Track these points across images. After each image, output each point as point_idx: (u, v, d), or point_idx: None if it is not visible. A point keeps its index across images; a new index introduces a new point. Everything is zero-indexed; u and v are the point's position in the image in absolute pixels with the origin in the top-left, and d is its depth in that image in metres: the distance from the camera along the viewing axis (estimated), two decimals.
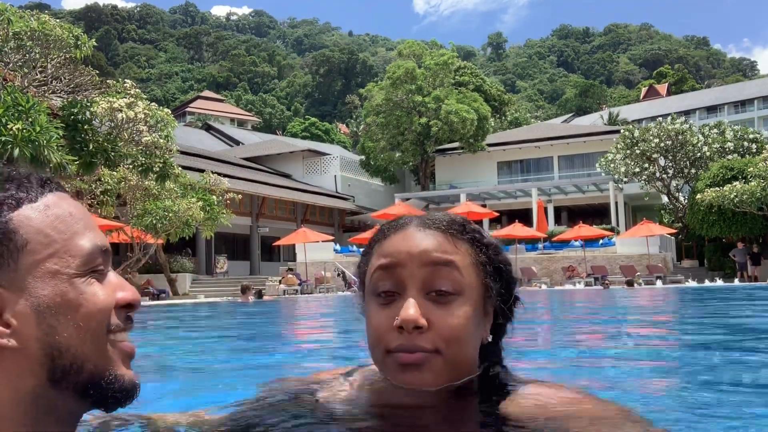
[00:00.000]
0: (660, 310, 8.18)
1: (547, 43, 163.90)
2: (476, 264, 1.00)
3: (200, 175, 23.38)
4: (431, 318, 0.94)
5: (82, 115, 13.36)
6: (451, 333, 0.94)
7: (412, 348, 0.93)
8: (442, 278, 0.96)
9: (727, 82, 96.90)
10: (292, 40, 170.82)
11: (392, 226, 1.05)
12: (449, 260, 0.96)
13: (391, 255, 0.99)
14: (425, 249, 0.97)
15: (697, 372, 2.57)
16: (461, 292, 0.96)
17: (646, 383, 2.29)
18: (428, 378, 0.94)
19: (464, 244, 1.01)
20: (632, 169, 28.99)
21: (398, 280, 0.97)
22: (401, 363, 0.94)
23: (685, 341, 4.29)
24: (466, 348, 0.97)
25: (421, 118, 36.84)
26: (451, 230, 1.01)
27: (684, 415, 1.62)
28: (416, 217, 1.04)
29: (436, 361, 0.94)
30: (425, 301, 0.95)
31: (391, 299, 0.97)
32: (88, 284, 0.80)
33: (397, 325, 0.93)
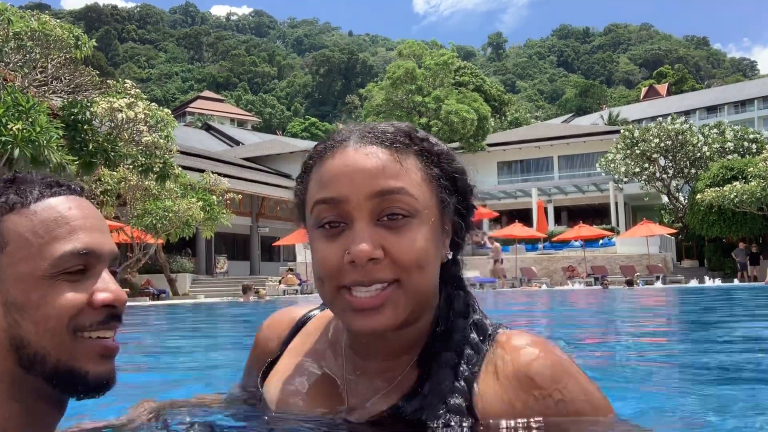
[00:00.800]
0: (658, 311, 8.19)
1: (547, 43, 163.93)
2: (428, 178, 0.91)
3: (200, 175, 23.38)
4: (386, 245, 0.85)
5: (82, 115, 13.37)
6: (411, 258, 0.85)
7: (369, 281, 0.84)
8: (393, 203, 0.86)
9: (727, 82, 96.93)
10: (292, 40, 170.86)
11: (328, 145, 0.92)
12: (398, 187, 0.86)
13: (330, 187, 0.87)
14: (370, 177, 0.86)
15: (696, 372, 2.57)
16: (416, 214, 0.87)
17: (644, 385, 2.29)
18: (388, 318, 0.85)
19: (413, 157, 0.90)
20: (632, 169, 28.99)
21: (342, 212, 0.86)
22: (358, 307, 0.85)
23: (682, 341, 4.30)
24: (428, 273, 0.88)
25: (421, 118, 36.85)
26: (396, 143, 0.90)
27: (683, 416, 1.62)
28: (355, 131, 0.92)
29: (396, 294, 0.85)
30: (377, 228, 0.85)
31: (337, 230, 0.87)
32: (55, 286, 0.87)
33: (349, 260, 0.84)
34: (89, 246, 0.90)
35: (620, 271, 23.54)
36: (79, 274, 0.89)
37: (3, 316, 0.88)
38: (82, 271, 0.89)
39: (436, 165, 0.92)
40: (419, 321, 0.93)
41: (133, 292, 19.27)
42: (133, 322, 7.70)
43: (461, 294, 0.97)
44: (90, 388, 0.90)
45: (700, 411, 1.62)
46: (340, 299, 0.87)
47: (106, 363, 0.91)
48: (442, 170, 0.93)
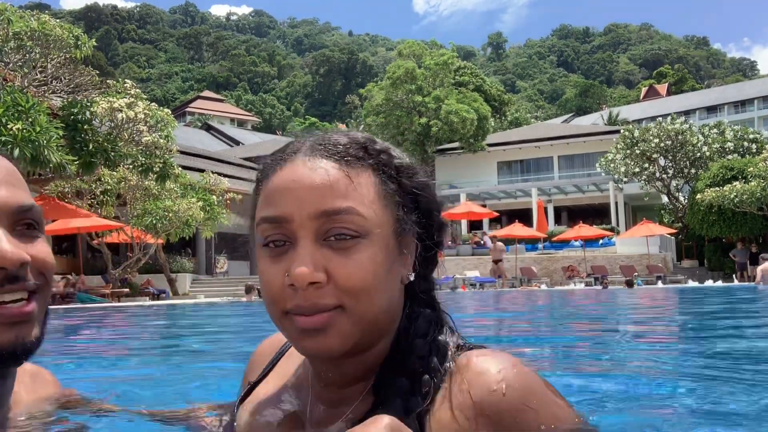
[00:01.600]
0: (657, 311, 8.19)
1: (547, 43, 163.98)
2: (383, 195, 0.84)
3: (200, 175, 23.38)
4: (330, 268, 0.79)
5: (82, 115, 13.36)
6: (356, 283, 0.79)
7: (309, 309, 0.79)
8: (340, 223, 0.80)
9: (727, 82, 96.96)
10: (292, 40, 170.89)
11: (278, 157, 0.87)
12: (345, 207, 0.80)
13: (274, 204, 0.82)
14: (315, 196, 0.80)
15: (694, 373, 2.57)
16: (365, 234, 0.80)
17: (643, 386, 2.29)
18: (334, 342, 0.80)
19: (367, 172, 0.83)
20: (632, 169, 29.00)
21: (286, 230, 0.81)
22: (302, 328, 0.80)
23: (678, 342, 4.30)
24: (377, 298, 0.81)
25: (421, 118, 36.86)
26: (349, 157, 0.83)
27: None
28: (307, 142, 0.86)
29: (340, 319, 0.79)
30: (321, 249, 0.80)
31: (282, 249, 0.81)
32: None
33: (289, 283, 0.79)
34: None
35: (620, 271, 23.54)
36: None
37: None
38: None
39: (394, 180, 0.86)
40: (375, 346, 0.86)
41: (133, 292, 19.29)
42: (132, 323, 7.70)
43: (426, 312, 0.89)
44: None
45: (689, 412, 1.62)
46: (286, 322, 0.82)
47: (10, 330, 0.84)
48: (401, 185, 0.86)
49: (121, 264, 21.11)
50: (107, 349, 4.69)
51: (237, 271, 30.41)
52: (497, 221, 35.69)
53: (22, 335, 0.85)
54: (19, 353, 0.86)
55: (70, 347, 4.64)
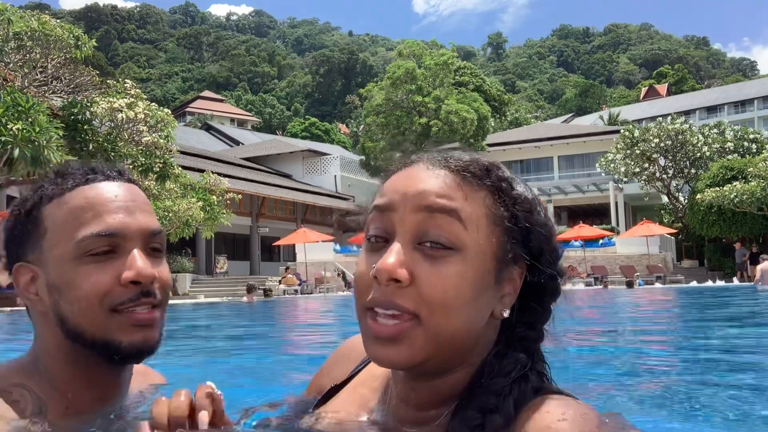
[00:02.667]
0: (651, 311, 8.19)
1: (547, 43, 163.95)
2: (492, 217, 0.81)
3: (200, 175, 23.37)
4: (416, 272, 0.77)
5: (82, 115, 13.36)
6: (437, 295, 0.77)
7: (386, 304, 0.78)
8: (438, 228, 0.78)
9: (727, 82, 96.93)
10: (292, 40, 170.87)
11: (400, 162, 0.89)
12: (449, 207, 0.79)
13: (385, 194, 0.84)
14: (422, 191, 0.80)
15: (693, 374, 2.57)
16: (460, 248, 0.78)
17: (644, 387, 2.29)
18: (404, 353, 0.78)
19: (481, 191, 0.81)
20: (632, 169, 28.99)
21: (388, 224, 0.81)
22: (374, 335, 0.79)
23: (677, 343, 4.30)
24: (456, 317, 0.78)
25: (421, 118, 36.84)
26: (467, 172, 0.82)
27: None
28: (431, 153, 0.87)
29: (414, 331, 0.78)
30: (413, 252, 0.79)
31: (379, 245, 0.82)
32: (82, 268, 0.98)
33: (372, 274, 0.78)
34: (111, 228, 0.99)
35: (620, 271, 23.54)
36: (105, 255, 0.99)
37: (48, 295, 1.01)
38: (109, 251, 0.99)
39: (508, 208, 0.82)
40: (453, 373, 0.83)
41: None
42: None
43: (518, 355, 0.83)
44: (125, 356, 1.01)
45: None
46: (363, 323, 0.82)
47: (139, 332, 1.00)
48: (513, 215, 0.82)
49: None
50: None
51: (237, 271, 30.41)
52: None
53: (148, 337, 1.01)
54: (144, 352, 1.02)
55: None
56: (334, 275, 25.41)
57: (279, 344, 5.52)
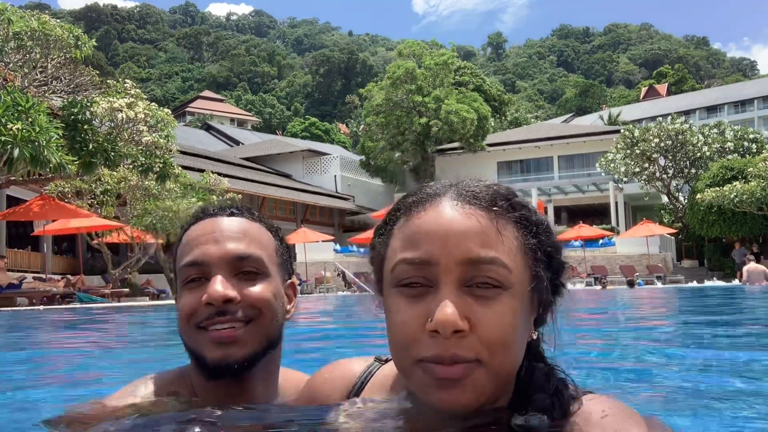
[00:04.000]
0: (649, 311, 8.19)
1: (547, 43, 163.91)
2: (524, 249, 0.82)
3: (200, 175, 23.37)
4: (472, 318, 0.77)
5: (82, 115, 13.35)
6: (498, 337, 0.77)
7: (450, 358, 0.76)
8: (486, 272, 0.78)
9: (727, 82, 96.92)
10: (292, 40, 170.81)
11: (419, 199, 0.84)
12: (493, 258, 0.78)
13: (419, 247, 0.79)
14: (465, 243, 0.78)
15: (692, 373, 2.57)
16: (508, 286, 0.79)
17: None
18: (470, 396, 0.77)
19: (511, 225, 0.82)
20: (632, 169, 28.99)
21: (429, 274, 0.79)
22: (437, 377, 0.77)
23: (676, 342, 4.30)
24: (513, 353, 0.80)
25: (421, 118, 36.84)
26: (496, 207, 0.81)
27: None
28: (450, 188, 0.84)
29: (478, 373, 0.77)
30: (464, 296, 0.77)
31: (420, 291, 0.79)
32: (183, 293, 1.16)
33: (432, 328, 0.76)
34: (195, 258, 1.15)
35: (620, 271, 23.55)
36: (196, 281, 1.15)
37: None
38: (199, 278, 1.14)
39: (534, 236, 0.84)
40: (496, 402, 0.84)
41: (133, 292, 19.27)
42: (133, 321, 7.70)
43: (540, 366, 0.88)
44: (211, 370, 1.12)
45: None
46: (418, 371, 0.79)
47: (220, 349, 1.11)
48: (540, 243, 0.84)
49: (121, 264, 21.10)
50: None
51: None
52: None
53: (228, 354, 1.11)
54: (223, 368, 1.11)
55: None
56: (334, 275, 25.42)
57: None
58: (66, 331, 7.11)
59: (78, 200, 18.65)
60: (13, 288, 14.78)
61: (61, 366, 3.58)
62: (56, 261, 23.98)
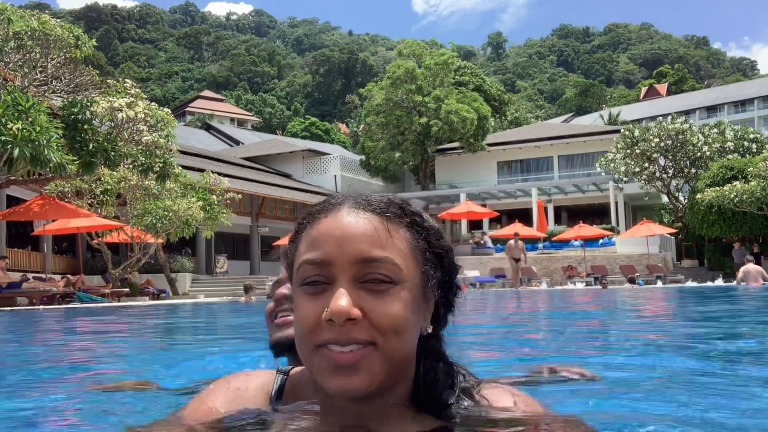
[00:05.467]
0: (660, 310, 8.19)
1: (547, 43, 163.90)
2: (415, 250, 0.93)
3: (200, 174, 23.38)
4: (365, 307, 0.87)
5: (82, 115, 13.36)
6: (388, 321, 0.87)
7: (345, 341, 0.86)
8: (377, 269, 0.89)
9: (727, 81, 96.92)
10: (292, 40, 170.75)
11: (322, 208, 0.96)
12: (384, 257, 0.89)
13: (318, 248, 0.90)
14: (357, 244, 0.89)
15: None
16: (398, 281, 0.89)
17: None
18: (363, 380, 0.86)
19: (402, 229, 0.93)
20: (632, 168, 28.98)
21: (327, 273, 0.89)
22: (334, 363, 0.86)
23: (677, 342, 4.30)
24: (405, 340, 0.89)
25: (421, 117, 36.84)
26: (389, 213, 0.93)
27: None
28: (349, 198, 0.95)
29: (372, 356, 0.86)
30: (358, 290, 0.88)
31: (320, 288, 0.89)
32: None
33: (327, 317, 0.86)
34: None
35: (620, 270, 23.54)
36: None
37: None
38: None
39: (424, 239, 0.95)
40: (392, 392, 0.93)
41: (133, 292, 19.29)
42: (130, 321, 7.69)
43: (440, 365, 0.98)
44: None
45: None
46: (317, 357, 0.88)
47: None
48: (429, 245, 0.96)
49: (121, 264, 21.11)
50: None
51: (237, 271, 30.41)
52: (497, 221, 35.69)
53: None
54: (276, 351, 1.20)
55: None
56: None
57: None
58: (66, 331, 7.11)
59: (78, 200, 18.66)
60: (13, 288, 14.79)
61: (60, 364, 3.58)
62: (56, 261, 23.98)
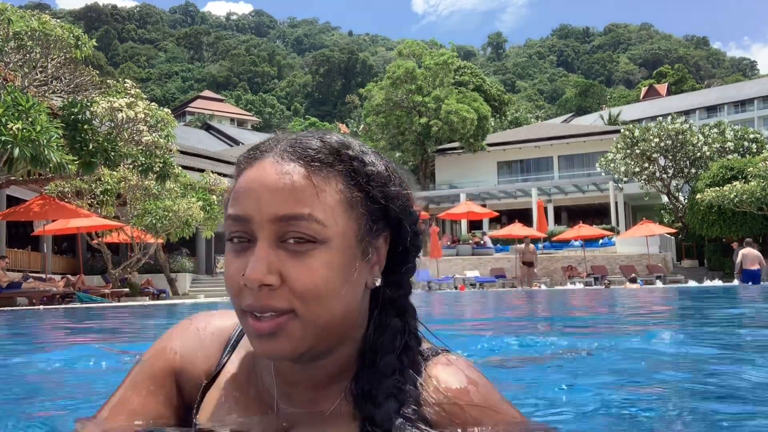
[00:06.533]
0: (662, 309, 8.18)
1: (547, 43, 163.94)
2: (348, 202, 0.84)
3: (200, 174, 23.37)
4: (284, 271, 0.81)
5: (82, 115, 13.35)
6: (308, 288, 0.80)
7: (261, 309, 0.81)
8: (298, 228, 0.81)
9: (727, 81, 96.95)
10: (292, 40, 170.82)
11: (249, 155, 0.88)
12: (304, 214, 0.81)
13: (238, 203, 0.84)
14: (276, 201, 0.81)
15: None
16: (323, 240, 0.81)
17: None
18: (285, 346, 0.82)
19: (334, 178, 0.84)
20: (632, 168, 28.99)
21: (248, 229, 0.83)
22: (254, 332, 0.83)
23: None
24: (330, 305, 0.82)
25: (421, 117, 36.86)
26: (317, 162, 0.83)
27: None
28: (279, 144, 0.86)
29: (292, 324, 0.81)
30: (277, 251, 0.81)
31: (244, 246, 0.84)
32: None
33: (242, 283, 0.81)
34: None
35: (620, 270, 23.54)
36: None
37: None
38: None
39: (362, 189, 0.85)
40: (339, 351, 0.89)
41: (133, 292, 19.28)
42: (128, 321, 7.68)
43: (394, 322, 0.91)
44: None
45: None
46: (243, 321, 0.85)
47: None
48: (368, 194, 0.86)
49: (121, 264, 21.10)
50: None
51: None
52: (497, 221, 35.68)
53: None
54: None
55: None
56: None
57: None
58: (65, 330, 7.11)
59: (78, 200, 18.66)
60: (13, 288, 14.78)
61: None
62: (56, 261, 23.98)
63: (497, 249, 28.27)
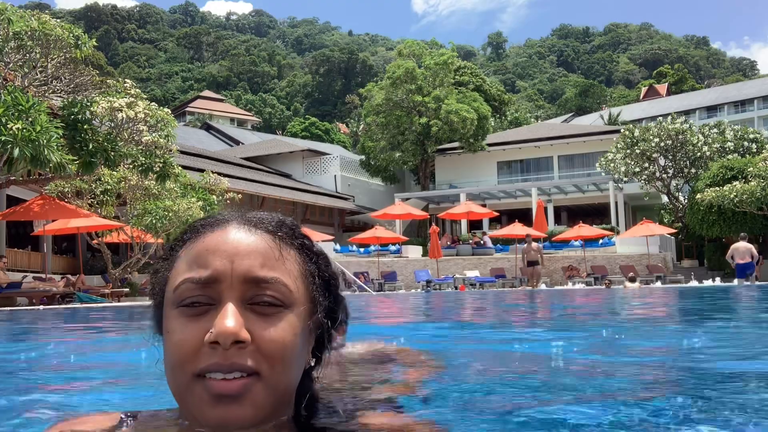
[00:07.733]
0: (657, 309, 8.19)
1: (547, 43, 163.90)
2: (306, 274, 0.87)
3: (200, 174, 23.38)
4: (253, 330, 0.78)
5: (82, 115, 13.35)
6: (278, 351, 0.79)
7: (229, 367, 0.76)
8: (270, 291, 0.81)
9: (727, 81, 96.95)
10: (292, 40, 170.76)
11: (207, 223, 0.88)
12: (275, 277, 0.81)
13: (204, 265, 0.81)
14: (249, 262, 0.81)
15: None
16: (289, 305, 0.82)
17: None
18: (247, 412, 0.77)
19: (293, 251, 0.87)
20: (632, 168, 28.99)
21: (213, 293, 0.80)
22: (215, 392, 0.77)
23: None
24: (291, 371, 0.82)
25: (421, 117, 36.84)
26: (280, 233, 0.87)
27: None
28: (237, 215, 0.88)
29: (256, 387, 0.78)
30: (246, 313, 0.80)
31: (202, 310, 0.80)
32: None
33: (211, 339, 0.76)
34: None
35: (620, 270, 23.55)
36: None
37: None
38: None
39: (314, 263, 0.89)
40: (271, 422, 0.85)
41: (133, 292, 19.29)
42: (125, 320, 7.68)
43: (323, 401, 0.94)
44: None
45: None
46: (196, 388, 0.78)
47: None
48: (319, 270, 0.89)
49: (121, 264, 21.11)
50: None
51: None
52: (497, 221, 35.69)
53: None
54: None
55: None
56: None
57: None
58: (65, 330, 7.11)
59: (78, 200, 18.66)
60: (13, 288, 14.78)
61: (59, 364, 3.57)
62: (56, 261, 23.98)
63: (497, 249, 28.28)
